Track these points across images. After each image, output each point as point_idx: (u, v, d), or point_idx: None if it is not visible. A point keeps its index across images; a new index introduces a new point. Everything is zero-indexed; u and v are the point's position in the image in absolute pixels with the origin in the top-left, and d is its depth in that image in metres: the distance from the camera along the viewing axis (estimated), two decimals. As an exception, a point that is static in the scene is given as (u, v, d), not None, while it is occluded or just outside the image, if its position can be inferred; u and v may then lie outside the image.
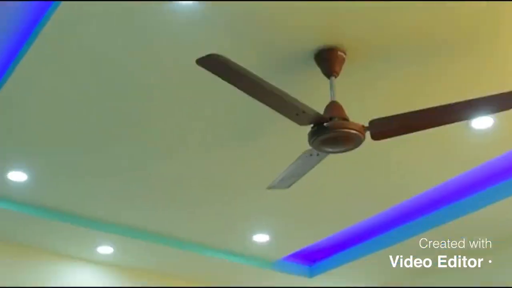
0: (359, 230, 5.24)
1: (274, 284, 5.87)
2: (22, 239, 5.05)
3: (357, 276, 5.71)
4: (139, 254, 5.30)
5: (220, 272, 5.63)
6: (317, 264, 5.73)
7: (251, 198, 4.49)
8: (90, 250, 5.21)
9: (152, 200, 4.56)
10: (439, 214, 4.83)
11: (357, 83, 3.27)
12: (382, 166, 4.10)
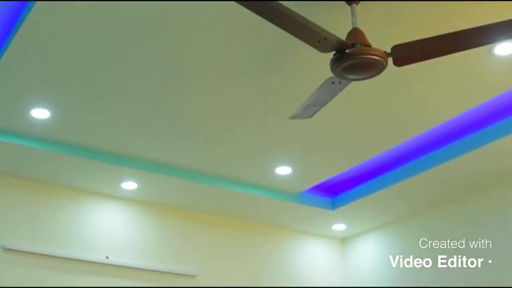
0: (381, 161, 5.25)
1: (297, 216, 5.93)
2: (46, 176, 5.11)
3: (379, 207, 5.74)
4: (162, 189, 5.36)
5: (243, 206, 5.68)
6: (340, 196, 5.77)
7: (274, 130, 4.49)
8: (114, 186, 5.27)
9: (175, 134, 4.58)
10: (461, 143, 4.81)
11: (378, 9, 3.23)
12: (404, 95, 4.08)
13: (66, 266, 5.08)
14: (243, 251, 5.94)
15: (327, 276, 6.32)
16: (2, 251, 4.89)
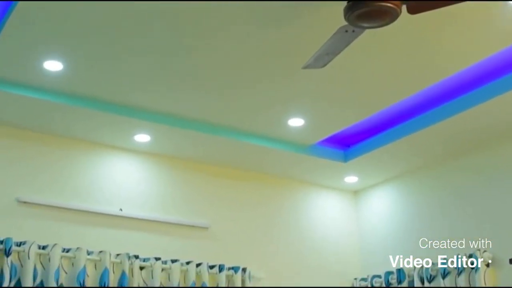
0: (394, 113, 5.23)
1: (309, 169, 5.94)
2: (59, 129, 5.13)
3: (392, 159, 5.74)
4: (175, 141, 5.37)
5: (255, 158, 5.69)
6: (352, 148, 5.77)
7: (286, 81, 4.48)
8: (127, 138, 5.28)
9: (189, 86, 4.57)
10: (475, 94, 4.78)
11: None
12: (417, 44, 4.03)
13: (80, 218, 5.13)
14: (256, 203, 5.97)
15: (339, 228, 6.35)
16: (17, 203, 4.94)
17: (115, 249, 5.04)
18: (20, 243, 4.71)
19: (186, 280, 5.20)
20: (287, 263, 5.94)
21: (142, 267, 5.10)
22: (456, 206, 5.55)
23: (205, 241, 5.59)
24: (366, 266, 6.20)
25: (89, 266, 4.93)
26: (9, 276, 4.57)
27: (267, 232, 5.95)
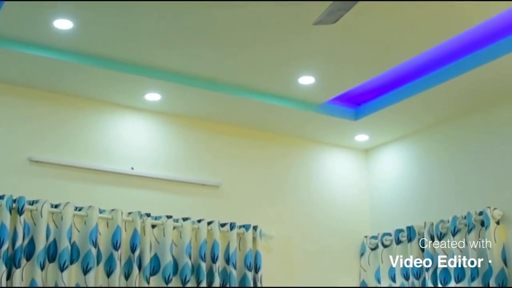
0: (404, 71, 5.21)
1: (319, 127, 5.94)
2: (70, 88, 5.13)
3: (402, 117, 5.73)
4: (186, 100, 5.37)
5: (266, 116, 5.69)
6: (363, 107, 5.76)
7: (297, 39, 4.45)
8: (137, 97, 5.28)
9: (199, 43, 4.55)
10: (486, 51, 4.75)
11: None
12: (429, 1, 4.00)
13: (91, 177, 5.16)
14: (266, 162, 5.98)
15: (349, 187, 6.37)
16: (28, 162, 4.96)
17: (127, 208, 5.07)
18: (32, 202, 4.74)
19: (198, 238, 5.24)
20: (298, 221, 5.98)
21: (154, 225, 5.14)
22: (466, 163, 5.55)
23: (216, 199, 5.62)
24: (376, 224, 6.23)
25: (101, 224, 4.96)
26: (22, 234, 4.62)
27: (278, 191, 5.97)
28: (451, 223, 5.26)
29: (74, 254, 4.79)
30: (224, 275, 5.29)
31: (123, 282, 4.90)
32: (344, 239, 6.16)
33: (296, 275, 5.82)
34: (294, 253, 5.86)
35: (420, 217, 5.64)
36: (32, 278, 4.63)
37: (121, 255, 4.91)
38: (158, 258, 5.08)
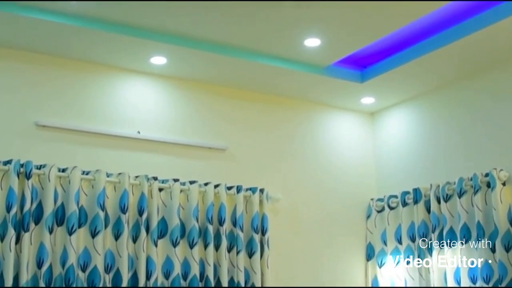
0: (410, 33, 5.18)
1: (325, 90, 5.92)
2: (74, 52, 5.12)
3: (408, 80, 5.72)
4: (192, 63, 5.35)
5: (272, 79, 5.67)
6: (369, 69, 5.73)
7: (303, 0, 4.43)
8: (143, 61, 5.26)
9: (205, 6, 4.51)
10: (491, 13, 4.72)
11: None
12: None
13: (98, 141, 5.18)
14: (272, 125, 5.99)
15: (356, 150, 6.38)
16: (35, 127, 4.98)
17: (134, 171, 5.10)
18: (40, 166, 4.77)
19: (205, 201, 5.27)
20: (304, 184, 6.00)
21: (161, 189, 5.16)
22: (472, 126, 5.55)
23: (223, 162, 5.63)
24: (382, 186, 6.25)
25: (109, 188, 4.99)
26: (30, 199, 4.65)
27: (284, 154, 5.98)
28: (457, 185, 5.27)
29: (82, 217, 4.83)
30: (231, 238, 5.33)
31: (131, 245, 4.94)
32: (350, 201, 6.18)
33: (302, 238, 5.86)
34: (300, 215, 5.89)
35: (426, 179, 5.65)
36: (40, 242, 4.67)
37: (128, 219, 4.95)
38: (165, 221, 5.11)
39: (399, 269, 5.75)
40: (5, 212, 4.57)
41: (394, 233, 5.85)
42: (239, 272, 5.24)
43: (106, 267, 4.84)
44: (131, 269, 4.92)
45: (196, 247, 5.13)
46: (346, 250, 6.07)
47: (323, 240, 5.97)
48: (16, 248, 4.57)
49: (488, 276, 4.96)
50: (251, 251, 5.36)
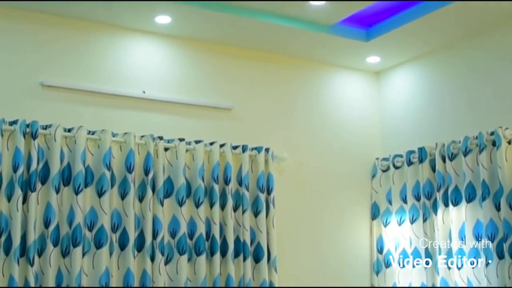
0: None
1: (331, 49, 5.90)
2: (80, 13, 5.09)
3: (414, 39, 5.68)
4: (197, 22, 5.32)
5: (277, 38, 5.64)
6: (374, 27, 5.69)
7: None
8: (148, 20, 5.24)
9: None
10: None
11: None
12: None
13: (104, 101, 5.18)
14: (278, 85, 5.97)
15: (361, 109, 6.37)
16: (41, 87, 4.98)
17: (140, 131, 5.10)
18: (46, 126, 4.77)
19: (210, 160, 5.28)
20: (310, 143, 6.01)
21: (167, 148, 5.17)
22: (477, 84, 5.53)
23: (228, 122, 5.64)
24: (387, 146, 6.25)
25: (115, 147, 5.00)
26: (36, 159, 4.67)
27: (290, 113, 5.98)
28: (462, 144, 5.27)
29: (88, 177, 4.85)
30: (237, 197, 5.36)
31: (137, 205, 4.97)
32: (355, 161, 6.19)
33: (308, 197, 5.89)
34: (306, 175, 5.91)
35: (431, 138, 5.65)
36: (47, 202, 4.71)
37: (134, 178, 4.97)
38: (171, 181, 5.13)
39: (404, 228, 5.77)
40: (12, 172, 4.60)
41: (399, 192, 5.86)
42: (245, 231, 5.28)
43: (112, 227, 4.88)
44: (137, 228, 4.95)
45: (202, 206, 5.15)
46: (351, 209, 6.10)
47: (329, 199, 6.00)
48: (23, 208, 4.60)
49: (493, 234, 4.98)
50: (257, 210, 5.39)
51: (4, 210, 4.56)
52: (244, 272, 5.24)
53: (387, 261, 5.91)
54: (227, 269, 5.19)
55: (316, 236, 5.87)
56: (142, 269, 4.90)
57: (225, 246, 5.21)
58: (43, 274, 4.63)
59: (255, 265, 5.34)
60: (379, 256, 5.99)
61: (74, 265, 4.65)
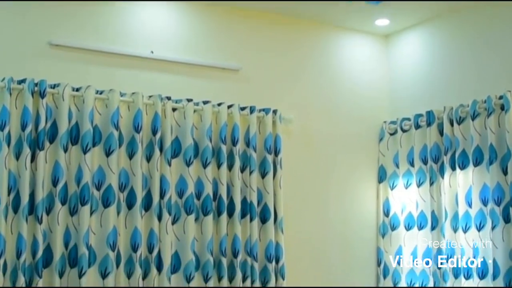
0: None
1: (340, 10, 5.85)
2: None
3: (423, 1, 5.62)
4: (205, -18, 5.29)
5: (286, 0, 5.61)
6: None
7: None
8: None
9: None
10: None
11: None
12: None
13: (112, 60, 5.16)
14: (286, 47, 5.94)
15: (369, 72, 6.35)
16: (49, 46, 4.97)
17: (147, 91, 5.10)
18: (54, 85, 4.78)
19: (218, 121, 5.29)
20: (317, 106, 6.00)
21: (175, 109, 5.17)
22: (486, 47, 5.50)
23: (236, 83, 5.62)
24: (395, 109, 6.24)
25: (123, 107, 5.00)
26: (45, 117, 4.68)
27: (298, 76, 5.96)
28: (470, 107, 5.25)
29: (96, 137, 4.86)
30: (244, 158, 5.37)
31: (144, 164, 4.99)
32: (363, 124, 6.19)
33: (315, 159, 5.90)
34: (313, 137, 5.91)
35: (439, 102, 5.64)
36: (55, 160, 4.72)
37: (142, 138, 4.98)
38: (179, 141, 5.14)
39: (411, 192, 5.79)
40: (20, 130, 4.61)
41: (406, 156, 5.87)
42: (252, 192, 5.30)
43: (120, 186, 4.90)
44: (145, 188, 4.98)
45: (209, 167, 5.17)
46: (358, 172, 6.11)
47: (335, 162, 6.01)
48: (31, 166, 4.62)
49: (499, 198, 4.99)
50: (264, 171, 5.40)
51: (13, 168, 4.58)
52: (250, 232, 5.27)
53: (393, 224, 5.93)
54: (233, 229, 5.22)
55: (323, 198, 5.90)
56: (149, 228, 4.94)
57: (232, 206, 5.24)
58: (51, 232, 4.67)
59: (261, 226, 5.37)
60: (385, 219, 6.02)
61: (82, 223, 4.69)
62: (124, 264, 4.86)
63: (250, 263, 5.23)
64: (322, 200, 5.89)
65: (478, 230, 5.13)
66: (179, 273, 5.02)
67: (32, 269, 4.54)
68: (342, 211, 5.97)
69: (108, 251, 4.74)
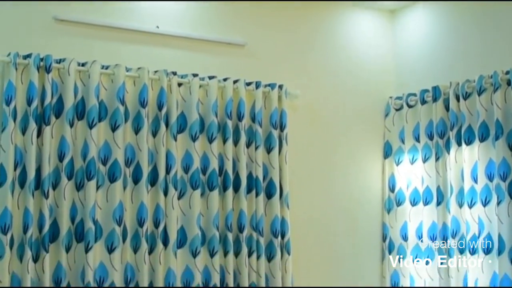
0: None
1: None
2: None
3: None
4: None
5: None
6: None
7: None
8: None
9: None
10: None
11: None
12: None
13: (117, 35, 5.15)
14: (292, 23, 5.91)
15: (375, 47, 6.31)
16: (54, 21, 4.95)
17: (153, 66, 5.08)
18: (59, 60, 4.77)
19: (224, 96, 5.28)
20: (323, 81, 5.99)
21: (180, 84, 5.17)
22: (493, 23, 5.46)
23: (242, 58, 5.60)
24: (401, 84, 6.21)
25: (128, 82, 5.00)
26: (50, 92, 4.68)
27: (303, 51, 5.94)
28: (477, 83, 5.23)
29: (102, 112, 4.86)
30: (250, 133, 5.36)
31: (150, 139, 5.00)
32: (368, 99, 6.17)
33: (320, 134, 5.90)
34: (318, 112, 5.90)
35: (445, 77, 5.61)
36: (61, 135, 4.73)
37: (148, 113, 4.98)
38: (184, 116, 5.14)
39: (416, 167, 5.79)
40: (26, 105, 4.62)
41: (412, 131, 5.85)
42: (258, 167, 5.30)
43: (126, 161, 4.91)
44: (151, 163, 4.98)
45: (215, 142, 5.17)
46: (364, 147, 6.10)
47: (341, 137, 6.00)
48: (37, 141, 4.63)
49: (505, 173, 4.98)
50: (270, 146, 5.40)
51: (19, 143, 4.60)
52: (256, 207, 5.28)
53: (398, 199, 5.94)
54: (239, 204, 5.23)
55: (328, 174, 5.90)
56: (155, 203, 4.95)
57: (237, 181, 5.25)
58: (58, 207, 4.69)
59: (267, 201, 5.38)
60: (390, 195, 6.02)
61: (88, 198, 4.70)
62: (131, 239, 4.88)
63: (255, 238, 5.25)
64: (327, 176, 5.89)
65: (484, 206, 5.13)
66: (185, 247, 5.04)
67: (39, 244, 4.57)
68: (348, 186, 5.98)
69: (114, 226, 4.76)
